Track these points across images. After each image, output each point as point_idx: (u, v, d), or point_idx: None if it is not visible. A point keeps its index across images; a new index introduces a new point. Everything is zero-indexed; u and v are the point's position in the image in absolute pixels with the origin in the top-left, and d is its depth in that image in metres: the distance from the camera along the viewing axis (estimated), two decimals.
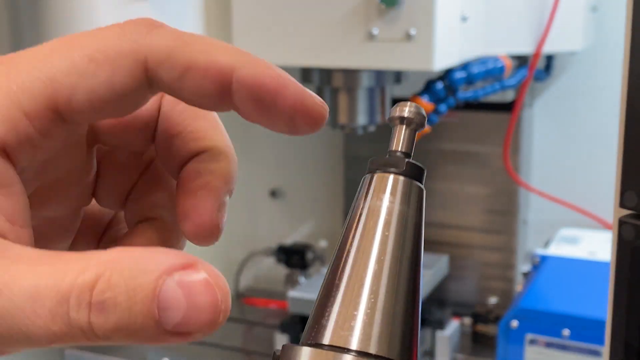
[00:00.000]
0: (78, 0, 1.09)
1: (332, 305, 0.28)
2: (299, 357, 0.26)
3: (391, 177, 0.29)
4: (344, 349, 0.26)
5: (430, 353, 1.34)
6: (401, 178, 0.29)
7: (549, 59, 1.41)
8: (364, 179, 0.30)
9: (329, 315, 0.27)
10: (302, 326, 1.31)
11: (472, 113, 1.43)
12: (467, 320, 1.41)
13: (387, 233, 0.28)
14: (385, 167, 0.30)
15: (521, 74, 1.23)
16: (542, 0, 1.18)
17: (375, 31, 1.00)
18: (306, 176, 1.70)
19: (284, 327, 1.32)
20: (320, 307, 0.28)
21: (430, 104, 1.11)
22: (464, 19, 1.06)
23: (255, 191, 1.74)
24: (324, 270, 0.98)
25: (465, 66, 1.11)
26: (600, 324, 1.00)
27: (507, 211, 1.46)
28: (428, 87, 1.12)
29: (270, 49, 1.07)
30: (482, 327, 1.36)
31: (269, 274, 1.73)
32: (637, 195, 0.49)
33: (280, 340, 1.31)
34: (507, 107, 1.37)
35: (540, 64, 1.39)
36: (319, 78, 1.14)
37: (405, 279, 0.28)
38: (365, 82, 1.13)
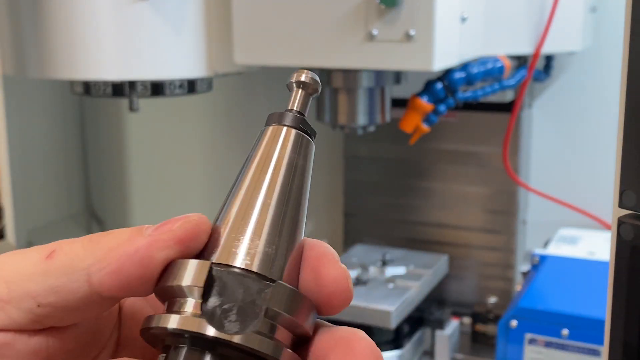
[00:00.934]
0: (79, 3, 1.09)
1: (223, 231, 0.31)
2: (182, 268, 0.30)
3: (284, 129, 0.33)
4: (227, 265, 0.30)
5: (430, 353, 1.34)
6: (293, 131, 0.33)
7: (548, 59, 1.41)
8: (261, 131, 0.34)
9: (218, 239, 0.31)
10: None
11: (472, 113, 1.43)
12: (467, 320, 1.41)
13: (277, 175, 0.32)
14: (280, 122, 0.34)
15: (520, 74, 1.23)
16: (542, 0, 1.18)
17: (375, 32, 1.00)
18: None
19: None
20: (215, 229, 0.32)
21: (430, 104, 1.11)
22: (463, 19, 1.07)
23: None
24: None
25: (464, 66, 1.11)
26: (600, 323, 1.01)
27: (507, 211, 1.46)
28: (427, 88, 1.12)
29: (270, 49, 1.07)
30: (481, 327, 1.36)
31: None
32: (636, 195, 0.50)
33: None
34: (507, 108, 1.37)
35: (540, 64, 1.39)
36: (319, 78, 1.14)
37: (289, 214, 0.32)
38: (365, 82, 1.13)
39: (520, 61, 1.27)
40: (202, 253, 0.32)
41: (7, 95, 1.57)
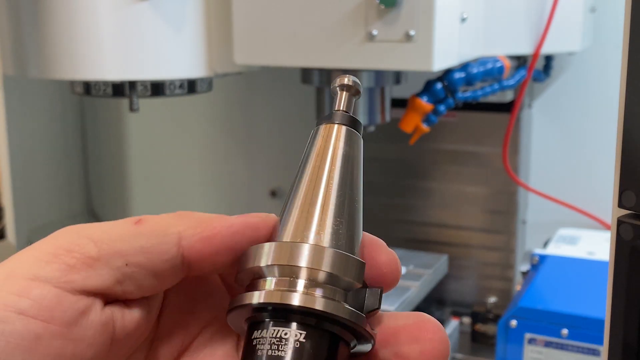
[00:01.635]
0: (79, 3, 1.09)
1: (292, 217, 0.34)
2: (260, 251, 0.33)
3: (336, 126, 0.36)
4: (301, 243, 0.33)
5: None
6: (344, 127, 0.36)
7: (548, 59, 1.42)
8: (314, 130, 0.37)
9: (291, 224, 0.34)
10: None
11: (471, 113, 1.43)
12: (466, 320, 1.41)
13: (334, 166, 0.35)
14: (331, 120, 0.36)
15: (520, 74, 1.23)
16: (541, 1, 1.18)
17: (375, 32, 1.00)
18: None
19: None
20: (284, 219, 0.34)
21: (430, 105, 1.11)
22: (463, 19, 1.07)
23: (255, 191, 1.74)
24: None
25: (464, 67, 1.11)
26: (599, 323, 1.01)
27: (506, 211, 1.46)
28: (427, 88, 1.12)
29: (270, 49, 1.08)
30: (481, 327, 1.36)
31: None
32: (636, 195, 0.50)
33: None
34: (506, 108, 1.37)
35: (539, 64, 1.39)
36: (319, 79, 1.14)
37: (348, 199, 0.35)
38: (364, 82, 1.13)
39: (520, 61, 1.27)
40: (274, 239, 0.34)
41: (7, 95, 1.57)
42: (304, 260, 0.32)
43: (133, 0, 1.08)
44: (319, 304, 0.32)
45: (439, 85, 1.11)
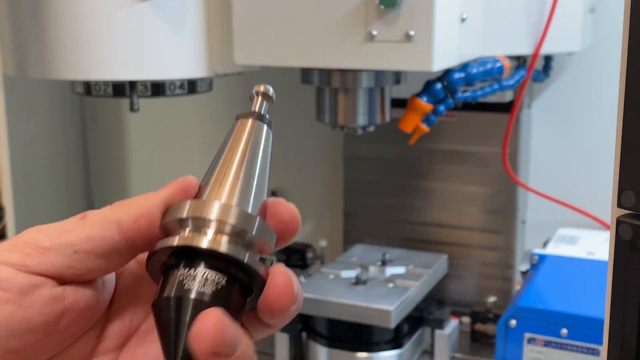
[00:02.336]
0: (80, 3, 1.09)
1: (208, 185, 0.42)
2: (180, 207, 0.40)
3: (249, 120, 0.45)
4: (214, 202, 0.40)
5: (429, 352, 1.35)
6: (255, 121, 0.45)
7: (547, 59, 1.42)
8: (233, 124, 0.46)
9: (207, 189, 0.42)
10: (302, 325, 1.32)
11: (471, 113, 1.44)
12: (466, 319, 1.42)
13: (244, 148, 0.44)
14: (246, 116, 0.46)
15: (519, 74, 1.23)
16: (541, 1, 1.18)
17: (375, 32, 1.00)
18: (306, 176, 1.70)
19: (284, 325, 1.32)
20: (202, 186, 0.42)
21: (429, 105, 1.12)
22: (463, 20, 1.07)
23: None
24: (324, 269, 1.02)
25: (464, 67, 1.11)
26: (599, 322, 1.01)
27: (506, 211, 1.47)
28: (427, 88, 1.12)
29: (270, 49, 1.08)
30: (480, 326, 1.36)
31: None
32: (635, 195, 0.50)
33: (281, 338, 1.32)
34: (506, 108, 1.37)
35: (539, 64, 1.39)
36: (319, 79, 1.15)
37: (254, 173, 0.43)
38: (364, 82, 1.14)
39: (520, 61, 1.27)
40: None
41: (7, 95, 1.57)
42: (214, 213, 0.39)
43: (133, 0, 1.08)
44: (223, 247, 0.38)
45: (438, 86, 1.11)
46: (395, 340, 1.27)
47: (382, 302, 1.22)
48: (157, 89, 1.19)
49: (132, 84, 1.18)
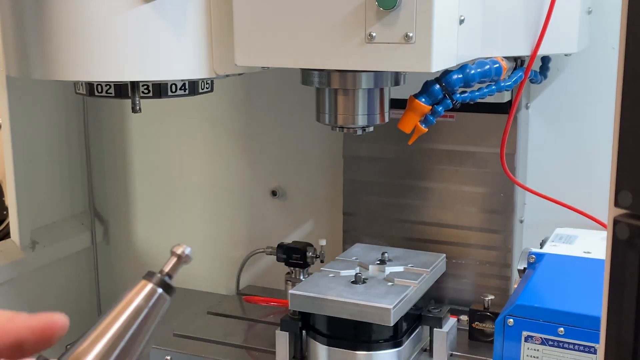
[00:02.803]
0: (82, 5, 1.10)
1: (84, 339, 0.47)
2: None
3: (150, 285, 0.49)
4: None
5: (428, 350, 1.35)
6: (153, 287, 0.49)
7: (545, 60, 1.42)
8: (138, 282, 0.50)
9: (80, 343, 0.47)
10: (302, 323, 1.32)
11: (469, 114, 1.44)
12: (464, 318, 1.42)
13: (128, 311, 0.48)
14: (150, 279, 0.49)
15: (517, 75, 1.24)
16: (539, 3, 1.19)
17: (374, 33, 1.01)
18: (306, 176, 1.71)
19: (284, 324, 1.33)
20: (78, 341, 0.47)
21: (428, 105, 1.12)
22: (461, 21, 1.08)
23: (256, 191, 1.74)
24: (324, 268, 1.03)
25: (462, 68, 1.12)
26: (596, 321, 1.02)
27: (504, 211, 1.47)
28: (425, 89, 1.12)
29: (271, 51, 1.08)
30: (479, 325, 1.37)
31: (269, 272, 1.75)
32: (632, 195, 0.50)
33: (281, 336, 1.32)
34: (504, 108, 1.38)
35: (536, 65, 1.40)
36: (319, 80, 1.15)
37: (126, 339, 0.48)
38: (364, 83, 1.14)
39: (517, 62, 1.28)
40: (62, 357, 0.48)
41: (11, 96, 1.58)
42: None
43: (136, 2, 1.09)
44: None
45: (437, 87, 1.11)
46: (394, 338, 1.28)
47: (381, 301, 1.22)
48: (159, 89, 1.20)
49: (134, 85, 1.18)
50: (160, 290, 0.49)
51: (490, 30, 1.16)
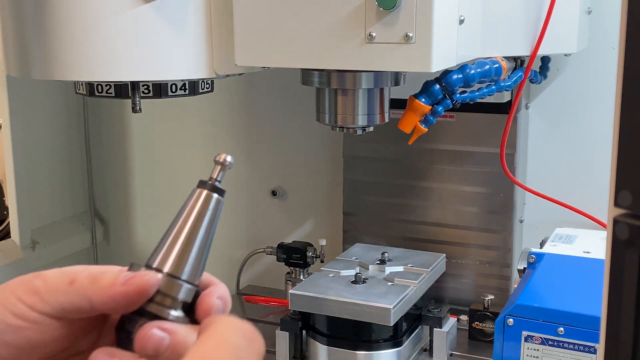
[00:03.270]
0: (82, 5, 1.10)
1: (160, 249, 0.53)
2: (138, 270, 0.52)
3: (205, 192, 0.55)
4: (160, 270, 0.52)
5: (428, 350, 1.36)
6: (209, 193, 0.55)
7: (545, 60, 1.43)
8: (192, 191, 0.55)
9: (157, 253, 0.53)
10: (302, 323, 1.32)
11: (469, 114, 1.44)
12: (464, 318, 1.42)
13: (193, 216, 0.54)
14: (203, 187, 0.55)
15: (517, 75, 1.24)
16: (538, 3, 1.19)
17: (374, 33, 1.01)
18: (306, 176, 1.71)
19: (284, 324, 1.33)
20: (157, 248, 0.53)
21: (428, 105, 1.12)
22: (461, 21, 1.08)
23: (256, 191, 1.75)
24: (324, 268, 1.04)
25: (462, 68, 1.12)
26: (596, 320, 1.02)
27: (504, 211, 1.47)
28: (425, 89, 1.13)
29: (271, 51, 1.08)
30: (478, 324, 1.37)
31: (269, 272, 1.75)
32: (632, 195, 0.50)
33: (281, 336, 1.33)
34: (504, 108, 1.38)
35: (536, 65, 1.40)
36: (319, 80, 1.15)
37: (196, 246, 0.53)
38: (364, 83, 1.14)
39: (517, 63, 1.28)
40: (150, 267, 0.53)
41: (11, 96, 1.58)
42: (163, 287, 0.52)
43: (136, 2, 1.09)
44: (158, 312, 0.52)
45: (436, 87, 1.11)
46: (394, 338, 1.28)
47: (381, 300, 1.23)
48: (159, 89, 1.20)
49: (134, 85, 1.18)
50: (215, 194, 0.55)
51: (490, 30, 1.16)
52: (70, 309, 0.52)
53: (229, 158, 0.57)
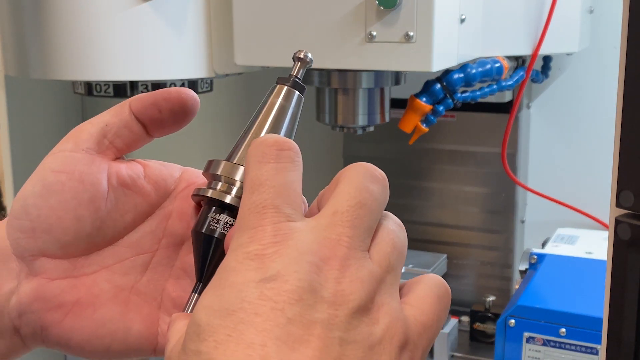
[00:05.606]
0: (81, 4, 1.10)
1: (240, 145, 0.51)
2: (218, 165, 0.51)
3: (285, 88, 0.52)
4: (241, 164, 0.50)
5: (429, 351, 1.35)
6: (289, 89, 0.52)
7: (546, 60, 1.42)
8: (271, 87, 0.53)
9: (238, 149, 0.51)
10: None
11: (470, 113, 1.44)
12: (465, 319, 1.42)
13: (273, 114, 0.52)
14: (282, 82, 0.53)
15: (518, 75, 1.23)
16: (540, 2, 1.18)
17: (374, 33, 1.01)
18: (306, 176, 1.70)
19: None
20: (235, 146, 0.51)
21: (429, 105, 1.12)
22: (462, 20, 1.07)
23: None
24: None
25: (463, 67, 1.12)
26: (597, 321, 1.02)
27: (505, 211, 1.47)
28: (426, 88, 1.12)
29: (271, 50, 1.08)
30: (480, 326, 1.37)
31: None
32: (634, 195, 0.50)
33: None
34: (505, 108, 1.38)
35: (537, 65, 1.40)
36: (319, 79, 1.15)
37: (282, 129, 0.52)
38: (364, 83, 1.14)
39: (518, 62, 1.27)
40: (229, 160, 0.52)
41: (9, 95, 1.57)
42: (238, 175, 0.49)
43: (135, 1, 1.09)
44: (229, 199, 0.49)
45: (437, 86, 1.11)
46: None
47: None
48: (158, 89, 1.19)
49: (133, 85, 1.18)
50: (296, 91, 0.53)
51: (491, 29, 1.16)
52: (112, 121, 0.53)
53: (309, 54, 0.54)
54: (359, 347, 0.37)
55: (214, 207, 0.50)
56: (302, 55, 0.54)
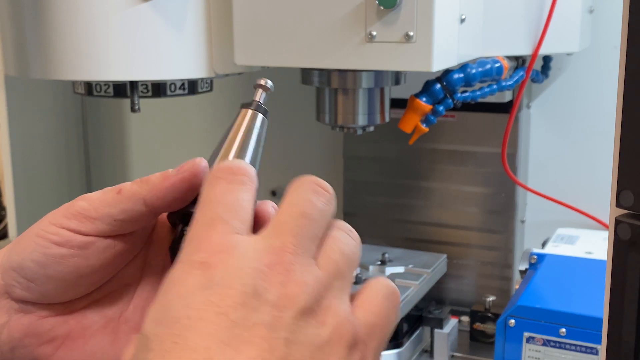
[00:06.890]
0: (81, 4, 1.09)
1: (212, 161, 0.54)
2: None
3: (249, 111, 0.56)
4: None
5: (429, 351, 1.35)
6: (254, 112, 0.56)
7: (546, 60, 1.42)
8: (237, 112, 0.57)
9: (211, 164, 0.53)
10: None
11: (470, 113, 1.44)
12: (465, 319, 1.42)
13: (240, 132, 0.55)
14: (247, 106, 0.56)
15: (518, 75, 1.23)
16: (540, 1, 1.18)
17: (374, 33, 1.01)
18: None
19: None
20: (208, 161, 0.54)
21: (429, 105, 1.12)
22: (462, 20, 1.07)
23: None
24: None
25: (463, 67, 1.11)
26: (598, 322, 1.01)
27: (505, 211, 1.47)
28: (426, 88, 1.12)
29: (271, 50, 1.08)
30: (480, 326, 1.37)
31: None
32: (634, 195, 0.50)
33: None
34: (505, 108, 1.38)
35: (538, 65, 1.40)
36: (319, 79, 1.15)
37: (249, 153, 0.55)
38: (364, 83, 1.14)
39: (518, 62, 1.27)
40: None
41: (9, 95, 1.57)
42: None
43: (134, 1, 1.09)
44: None
45: (437, 86, 1.11)
46: (394, 339, 1.28)
47: None
48: (158, 89, 1.19)
49: (133, 84, 1.18)
50: (259, 114, 0.56)
51: (491, 29, 1.16)
52: (122, 218, 0.50)
53: (269, 82, 0.58)
54: (306, 348, 0.38)
55: (188, 223, 0.50)
56: (263, 82, 0.58)
